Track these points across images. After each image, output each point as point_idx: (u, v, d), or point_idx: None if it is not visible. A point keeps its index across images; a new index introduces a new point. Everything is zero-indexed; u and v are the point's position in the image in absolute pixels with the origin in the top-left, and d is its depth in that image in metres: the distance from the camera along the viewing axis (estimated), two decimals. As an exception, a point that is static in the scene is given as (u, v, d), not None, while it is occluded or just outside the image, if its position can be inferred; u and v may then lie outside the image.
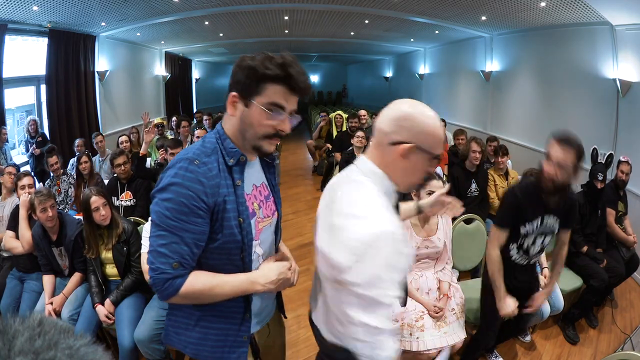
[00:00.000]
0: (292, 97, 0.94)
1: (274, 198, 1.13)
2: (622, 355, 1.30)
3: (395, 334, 0.91)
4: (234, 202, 0.95)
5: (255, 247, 1.03)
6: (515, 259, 1.84)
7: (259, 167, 1.10)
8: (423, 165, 0.95)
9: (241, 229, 0.96)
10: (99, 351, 0.40)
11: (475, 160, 3.26)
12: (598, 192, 2.65)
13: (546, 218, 1.74)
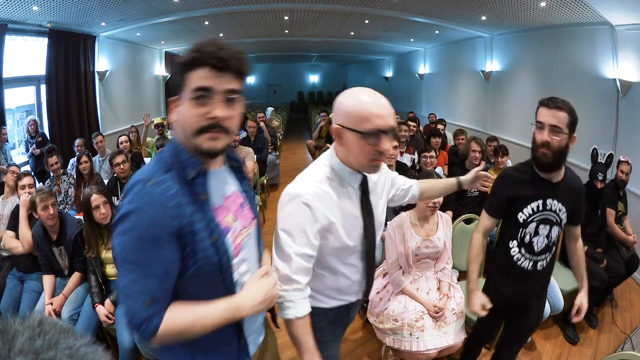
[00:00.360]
0: (221, 76, 0.81)
1: (250, 205, 1.01)
2: (622, 355, 1.30)
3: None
4: (202, 219, 0.82)
5: (237, 265, 0.91)
6: (518, 261, 1.56)
7: (227, 174, 0.96)
8: (358, 144, 1.03)
9: (216, 249, 0.84)
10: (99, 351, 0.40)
11: (476, 160, 3.26)
12: (598, 192, 2.65)
13: (549, 202, 1.48)
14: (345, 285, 1.24)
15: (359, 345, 2.46)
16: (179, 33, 7.24)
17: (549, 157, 1.39)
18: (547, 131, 1.38)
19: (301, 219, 1.06)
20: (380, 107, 1.02)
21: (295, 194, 1.06)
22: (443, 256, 2.11)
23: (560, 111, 1.36)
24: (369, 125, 1.00)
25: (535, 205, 1.50)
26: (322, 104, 16.20)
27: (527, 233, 1.53)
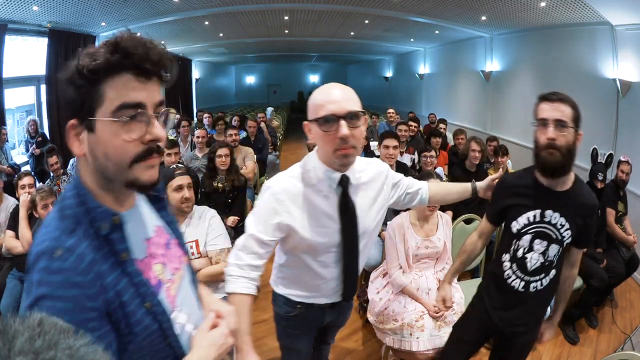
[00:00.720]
0: (147, 84, 0.65)
1: (177, 239, 0.83)
2: (622, 355, 1.30)
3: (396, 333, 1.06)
4: (129, 287, 0.65)
5: (176, 318, 0.75)
6: (509, 278, 1.35)
7: (144, 208, 0.77)
8: (320, 134, 1.04)
9: (154, 316, 0.68)
10: (99, 351, 0.40)
11: (475, 159, 3.26)
12: (598, 192, 2.65)
13: (549, 213, 1.28)
14: (317, 283, 1.22)
15: (359, 345, 2.46)
16: (179, 33, 7.24)
17: (557, 156, 1.19)
18: (552, 127, 1.19)
19: (266, 209, 1.11)
20: (333, 94, 1.03)
21: (268, 186, 1.13)
22: (443, 256, 2.11)
23: (565, 104, 1.21)
24: (323, 111, 1.01)
25: (531, 214, 1.30)
26: (322, 104, 16.17)
27: (521, 246, 1.33)
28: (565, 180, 1.27)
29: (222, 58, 13.38)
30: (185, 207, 1.93)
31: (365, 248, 1.24)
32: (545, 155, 1.21)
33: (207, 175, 3.04)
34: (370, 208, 1.20)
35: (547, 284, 1.34)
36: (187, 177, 1.96)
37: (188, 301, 0.81)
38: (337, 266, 1.19)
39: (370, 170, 1.22)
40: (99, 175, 0.65)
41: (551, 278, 1.33)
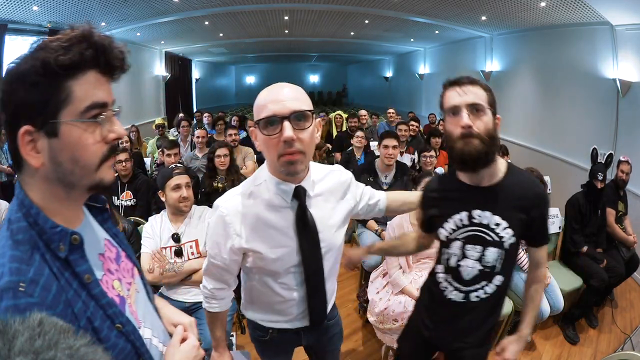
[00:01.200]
0: (108, 84, 0.62)
1: (125, 252, 0.78)
2: (622, 355, 1.30)
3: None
4: (97, 310, 0.60)
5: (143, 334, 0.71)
6: (445, 290, 1.20)
7: (91, 223, 0.71)
8: (263, 139, 0.92)
9: (126, 336, 0.64)
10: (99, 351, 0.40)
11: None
12: (598, 192, 2.65)
13: (477, 214, 1.10)
14: (283, 307, 1.12)
15: (359, 345, 2.46)
16: (179, 33, 7.25)
17: (476, 144, 1.00)
18: (465, 113, 1.02)
19: (216, 232, 1.03)
20: (277, 93, 0.90)
21: (216, 206, 1.03)
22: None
23: (476, 86, 1.06)
24: (265, 112, 0.89)
25: (457, 218, 1.13)
26: (322, 104, 16.20)
27: (452, 255, 1.16)
28: (493, 172, 1.09)
29: (222, 58, 13.39)
30: (184, 206, 1.93)
31: (332, 267, 1.14)
32: (462, 146, 1.02)
33: (207, 175, 3.04)
34: (334, 222, 1.08)
35: (493, 292, 1.16)
36: (186, 176, 1.96)
37: (149, 315, 0.78)
38: (301, 288, 1.08)
39: (330, 178, 1.10)
40: (57, 186, 0.59)
41: (498, 285, 1.15)
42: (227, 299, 1.16)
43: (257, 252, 1.01)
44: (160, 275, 1.87)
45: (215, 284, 1.12)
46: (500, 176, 1.10)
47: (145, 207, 3.09)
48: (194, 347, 0.76)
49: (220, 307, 1.15)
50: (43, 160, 0.57)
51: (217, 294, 1.13)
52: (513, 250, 1.12)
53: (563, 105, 4.69)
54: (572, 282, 2.58)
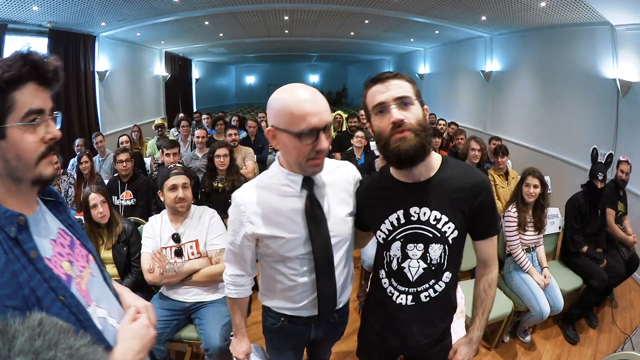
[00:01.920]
0: (45, 92, 0.73)
1: (80, 240, 0.88)
2: (622, 355, 1.30)
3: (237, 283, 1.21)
4: (42, 282, 0.69)
5: (94, 312, 0.79)
6: (392, 295, 1.14)
7: (45, 214, 0.82)
8: (294, 145, 0.98)
9: (69, 309, 0.72)
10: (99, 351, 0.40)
11: (475, 158, 3.26)
12: (598, 192, 2.65)
13: (415, 211, 1.06)
14: (294, 294, 1.16)
15: (359, 345, 2.46)
16: (179, 33, 7.25)
17: (413, 139, 0.96)
18: (395, 108, 0.97)
19: (233, 220, 1.12)
20: (314, 104, 0.95)
21: (234, 197, 1.11)
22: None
23: (401, 79, 1.01)
24: (305, 125, 0.94)
25: (393, 218, 1.08)
26: (322, 104, 16.17)
27: (393, 257, 1.11)
28: (428, 166, 1.05)
29: (222, 58, 13.39)
30: (179, 207, 1.92)
31: (343, 257, 1.17)
32: (397, 143, 0.97)
33: (207, 175, 3.04)
34: (341, 212, 1.13)
35: (443, 289, 1.12)
36: (183, 177, 1.95)
37: (105, 297, 0.86)
38: (311, 275, 1.13)
39: (339, 172, 1.17)
40: (8, 181, 0.71)
41: (447, 282, 1.12)
42: (246, 286, 1.23)
43: (269, 237, 1.08)
44: (161, 275, 1.87)
45: (234, 269, 1.20)
46: (435, 170, 1.06)
47: (145, 207, 3.10)
48: (143, 327, 0.85)
49: (238, 294, 1.22)
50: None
51: (236, 281, 1.20)
52: (457, 244, 1.09)
53: (563, 105, 4.69)
54: (572, 282, 2.58)
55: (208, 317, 1.88)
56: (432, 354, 1.19)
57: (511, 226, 2.40)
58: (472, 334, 1.18)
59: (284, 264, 1.13)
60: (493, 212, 1.09)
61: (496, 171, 3.51)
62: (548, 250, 2.71)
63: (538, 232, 2.43)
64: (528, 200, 2.37)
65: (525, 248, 2.44)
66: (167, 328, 1.91)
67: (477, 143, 3.26)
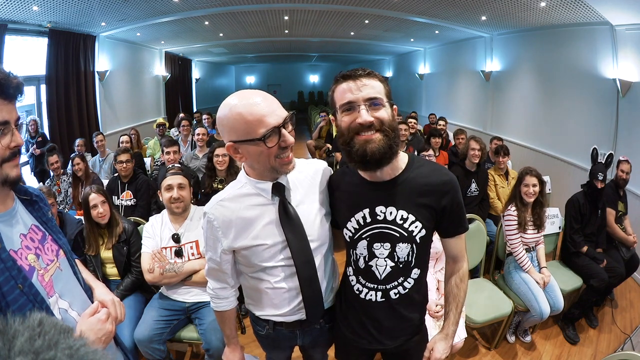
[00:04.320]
0: (9, 105, 0.82)
1: (52, 236, 0.98)
2: (622, 355, 1.30)
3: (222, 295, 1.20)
4: (3, 270, 0.79)
5: (56, 303, 0.89)
6: (360, 293, 1.14)
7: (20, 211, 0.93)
8: (259, 150, 0.96)
9: (27, 296, 0.82)
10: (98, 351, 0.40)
11: (475, 158, 3.25)
12: (598, 192, 2.65)
13: (380, 210, 1.05)
14: (277, 301, 1.15)
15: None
16: (179, 33, 7.24)
17: (380, 141, 0.95)
18: (363, 109, 0.95)
19: (208, 236, 1.11)
20: (265, 104, 0.93)
21: (205, 212, 1.09)
22: (442, 256, 2.10)
23: (373, 78, 0.98)
24: (263, 127, 0.93)
25: (359, 217, 1.07)
26: (322, 104, 16.18)
27: (359, 256, 1.10)
28: (394, 165, 1.03)
29: (222, 58, 13.37)
30: (175, 207, 1.92)
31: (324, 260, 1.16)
32: (363, 145, 0.95)
33: (208, 175, 3.04)
34: (317, 212, 1.12)
35: (412, 285, 1.12)
36: (179, 177, 1.96)
37: (71, 290, 0.95)
38: (293, 281, 1.11)
39: (307, 170, 1.15)
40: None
41: (415, 278, 1.12)
42: (230, 298, 1.22)
43: (246, 249, 1.07)
44: (160, 276, 1.87)
45: (216, 283, 1.19)
46: (401, 169, 1.05)
47: (145, 207, 3.09)
48: (99, 321, 0.92)
49: (224, 306, 1.21)
50: None
51: (219, 294, 1.20)
52: (425, 242, 1.08)
53: (563, 105, 4.69)
54: (572, 282, 2.58)
55: (209, 317, 1.88)
56: (409, 348, 1.21)
57: (512, 226, 2.40)
58: (447, 329, 1.17)
59: (264, 272, 1.11)
60: (461, 211, 1.09)
61: (496, 171, 3.51)
62: (548, 250, 2.71)
63: (538, 231, 2.43)
64: (528, 200, 2.37)
65: (526, 247, 2.44)
66: (167, 328, 1.91)
67: (477, 143, 3.25)
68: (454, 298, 1.18)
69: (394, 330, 1.17)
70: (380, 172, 1.03)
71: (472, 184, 3.29)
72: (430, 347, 1.17)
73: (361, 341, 1.20)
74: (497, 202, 3.39)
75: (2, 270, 0.79)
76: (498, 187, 3.45)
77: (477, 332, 2.58)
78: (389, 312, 1.14)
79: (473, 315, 2.20)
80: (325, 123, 6.50)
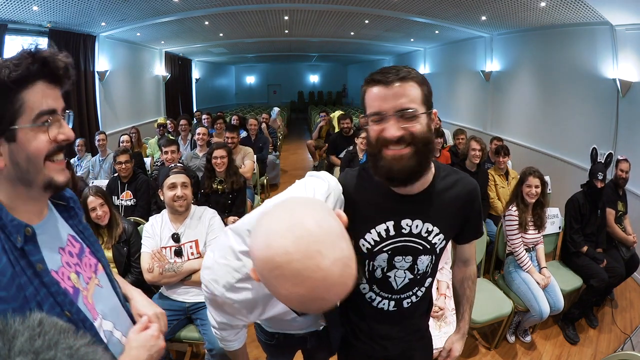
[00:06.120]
0: (57, 91, 0.71)
1: (90, 248, 0.84)
2: (622, 355, 1.30)
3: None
4: (47, 296, 0.66)
5: (101, 326, 0.76)
6: (373, 301, 1.08)
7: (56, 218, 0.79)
8: None
9: (75, 324, 0.69)
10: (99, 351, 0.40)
11: (475, 158, 3.25)
12: (598, 191, 2.65)
13: (407, 223, 0.98)
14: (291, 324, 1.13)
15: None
16: (179, 33, 7.25)
17: (409, 159, 0.84)
18: (394, 121, 0.83)
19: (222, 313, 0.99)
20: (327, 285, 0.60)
21: (216, 295, 0.92)
22: (442, 256, 2.10)
23: (407, 82, 0.83)
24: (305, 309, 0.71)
25: (382, 229, 0.98)
26: (322, 104, 16.21)
27: (377, 267, 1.03)
28: (423, 178, 0.94)
29: (222, 58, 13.38)
30: (178, 205, 1.92)
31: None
32: (389, 163, 0.85)
33: (207, 176, 3.04)
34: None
35: (423, 294, 1.10)
36: (183, 175, 1.96)
37: (111, 309, 0.83)
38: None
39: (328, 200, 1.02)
40: (18, 185, 0.68)
41: (427, 287, 1.10)
42: (241, 338, 1.13)
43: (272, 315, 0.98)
44: (160, 275, 1.87)
45: (227, 334, 1.08)
46: (429, 180, 0.97)
47: (145, 207, 3.09)
48: (152, 337, 0.82)
49: (236, 346, 1.12)
50: (5, 162, 0.65)
51: (230, 339, 1.10)
52: (442, 252, 1.07)
53: (563, 105, 4.69)
54: (572, 282, 2.58)
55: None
56: (413, 354, 1.21)
57: (513, 226, 2.40)
58: (464, 329, 1.20)
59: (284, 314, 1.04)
60: (480, 217, 1.08)
61: (496, 171, 3.51)
62: (548, 250, 2.71)
63: (538, 231, 2.43)
64: (529, 201, 2.37)
65: (526, 247, 2.44)
66: (167, 328, 1.91)
67: (477, 143, 3.26)
68: (467, 300, 1.21)
69: (400, 337, 1.14)
70: (409, 187, 0.92)
71: (472, 184, 3.28)
72: (448, 347, 1.20)
73: (365, 347, 1.17)
74: (497, 202, 3.39)
75: (46, 296, 0.65)
76: (498, 187, 3.45)
77: (477, 332, 2.58)
78: (398, 320, 1.11)
79: (473, 315, 2.18)
80: (325, 123, 6.50)
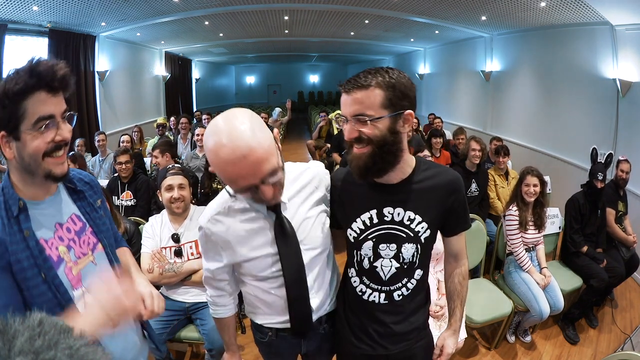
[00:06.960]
0: (55, 97, 0.82)
1: (92, 228, 0.98)
2: (622, 355, 1.30)
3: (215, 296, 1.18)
4: (29, 257, 0.81)
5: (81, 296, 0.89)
6: (363, 294, 1.12)
7: (64, 199, 0.94)
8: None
9: (49, 285, 0.83)
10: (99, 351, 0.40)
11: (475, 158, 3.26)
12: (598, 191, 2.65)
13: (389, 211, 1.05)
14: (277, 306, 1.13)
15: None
16: (179, 33, 7.24)
17: (366, 157, 0.95)
18: (351, 125, 0.95)
19: (207, 249, 1.11)
20: (234, 168, 0.87)
21: (201, 227, 1.08)
22: (442, 257, 2.10)
23: (363, 90, 0.94)
24: (235, 186, 0.93)
25: (366, 217, 1.06)
26: (322, 104, 16.20)
27: (364, 256, 1.09)
28: (401, 169, 1.03)
29: (222, 58, 13.38)
30: (175, 207, 1.92)
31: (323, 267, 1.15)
32: (352, 158, 0.98)
33: (207, 176, 3.04)
34: (318, 220, 1.11)
35: (415, 286, 1.12)
36: (180, 177, 1.95)
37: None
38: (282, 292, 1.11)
39: (304, 177, 1.11)
40: (24, 173, 0.85)
41: (418, 279, 1.13)
42: (229, 306, 1.22)
43: (241, 261, 1.08)
44: (160, 276, 1.87)
45: (213, 291, 1.19)
46: (408, 172, 1.04)
47: (145, 207, 3.09)
48: (113, 297, 0.82)
49: (223, 313, 1.21)
50: (14, 155, 0.82)
51: (217, 301, 1.20)
52: (429, 243, 1.09)
53: (563, 105, 4.69)
54: (572, 282, 2.58)
55: (211, 318, 1.88)
56: (414, 354, 1.18)
57: (513, 226, 2.40)
58: (455, 325, 1.20)
59: (261, 282, 1.11)
60: (465, 208, 1.11)
61: (496, 171, 3.51)
62: (548, 250, 2.71)
63: (538, 230, 2.43)
64: (528, 200, 2.37)
65: (526, 247, 2.44)
66: (167, 328, 1.91)
67: (477, 143, 3.26)
68: (458, 295, 1.20)
69: (397, 334, 1.14)
70: (386, 176, 1.02)
71: (472, 184, 3.29)
72: (440, 344, 1.19)
73: (364, 347, 1.16)
74: (497, 202, 3.39)
75: (29, 257, 0.81)
76: (498, 187, 3.45)
77: (477, 332, 2.58)
78: (392, 314, 1.13)
79: (473, 315, 2.20)
80: (325, 123, 6.50)
